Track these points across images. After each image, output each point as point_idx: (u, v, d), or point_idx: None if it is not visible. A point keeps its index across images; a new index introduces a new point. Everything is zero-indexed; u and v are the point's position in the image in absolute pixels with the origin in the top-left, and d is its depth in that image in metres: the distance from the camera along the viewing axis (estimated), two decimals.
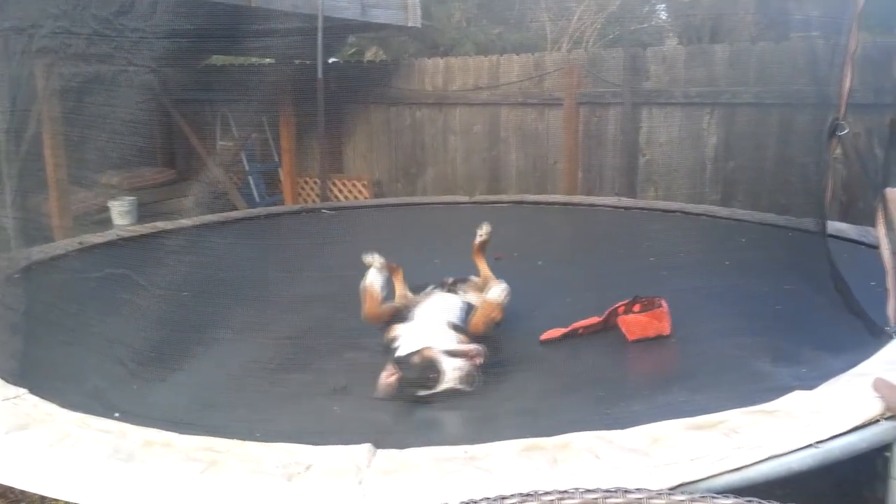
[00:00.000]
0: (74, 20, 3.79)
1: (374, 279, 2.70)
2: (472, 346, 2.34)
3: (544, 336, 2.73)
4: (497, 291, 2.61)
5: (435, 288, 2.85)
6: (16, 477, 1.77)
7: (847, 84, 2.70)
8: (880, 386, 1.80)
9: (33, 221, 4.49)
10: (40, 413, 2.00)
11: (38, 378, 2.25)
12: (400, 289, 2.89)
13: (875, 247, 2.65)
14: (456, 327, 2.50)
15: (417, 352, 2.30)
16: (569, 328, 2.76)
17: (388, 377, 2.26)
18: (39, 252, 3.87)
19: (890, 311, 2.38)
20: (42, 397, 2.09)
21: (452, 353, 2.29)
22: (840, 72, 2.73)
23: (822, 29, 4.32)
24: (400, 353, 2.35)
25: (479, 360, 2.30)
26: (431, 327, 2.48)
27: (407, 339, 2.41)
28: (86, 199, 5.95)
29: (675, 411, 1.90)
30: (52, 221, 4.99)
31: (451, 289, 2.84)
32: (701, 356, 2.56)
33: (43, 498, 2.60)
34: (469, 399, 2.25)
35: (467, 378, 2.23)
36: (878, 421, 1.77)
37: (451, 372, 2.22)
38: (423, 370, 2.24)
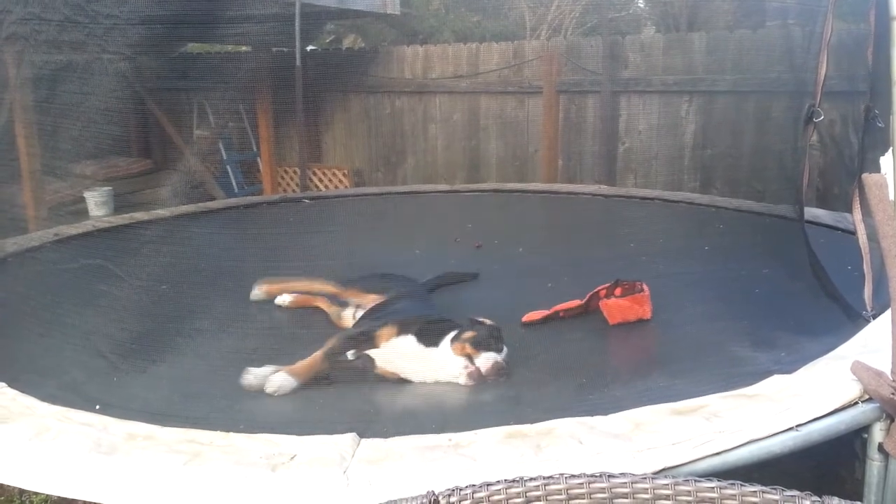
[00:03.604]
0: (45, 6, 3.72)
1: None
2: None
3: (526, 318, 2.76)
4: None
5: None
6: None
7: (822, 71, 2.72)
8: (858, 369, 1.82)
9: (7, 212, 4.43)
10: (19, 406, 1.97)
11: (16, 371, 2.21)
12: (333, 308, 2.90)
13: (851, 232, 2.68)
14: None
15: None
16: (550, 311, 2.77)
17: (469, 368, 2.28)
18: (14, 244, 3.82)
19: (866, 296, 2.41)
20: (20, 390, 2.05)
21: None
22: (816, 59, 2.74)
23: (799, 17, 4.35)
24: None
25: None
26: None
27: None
28: (61, 189, 5.86)
29: (657, 396, 1.92)
30: (27, 212, 4.91)
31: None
32: (681, 341, 2.58)
33: (22, 491, 2.58)
34: (451, 386, 2.26)
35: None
36: (856, 403, 1.79)
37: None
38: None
